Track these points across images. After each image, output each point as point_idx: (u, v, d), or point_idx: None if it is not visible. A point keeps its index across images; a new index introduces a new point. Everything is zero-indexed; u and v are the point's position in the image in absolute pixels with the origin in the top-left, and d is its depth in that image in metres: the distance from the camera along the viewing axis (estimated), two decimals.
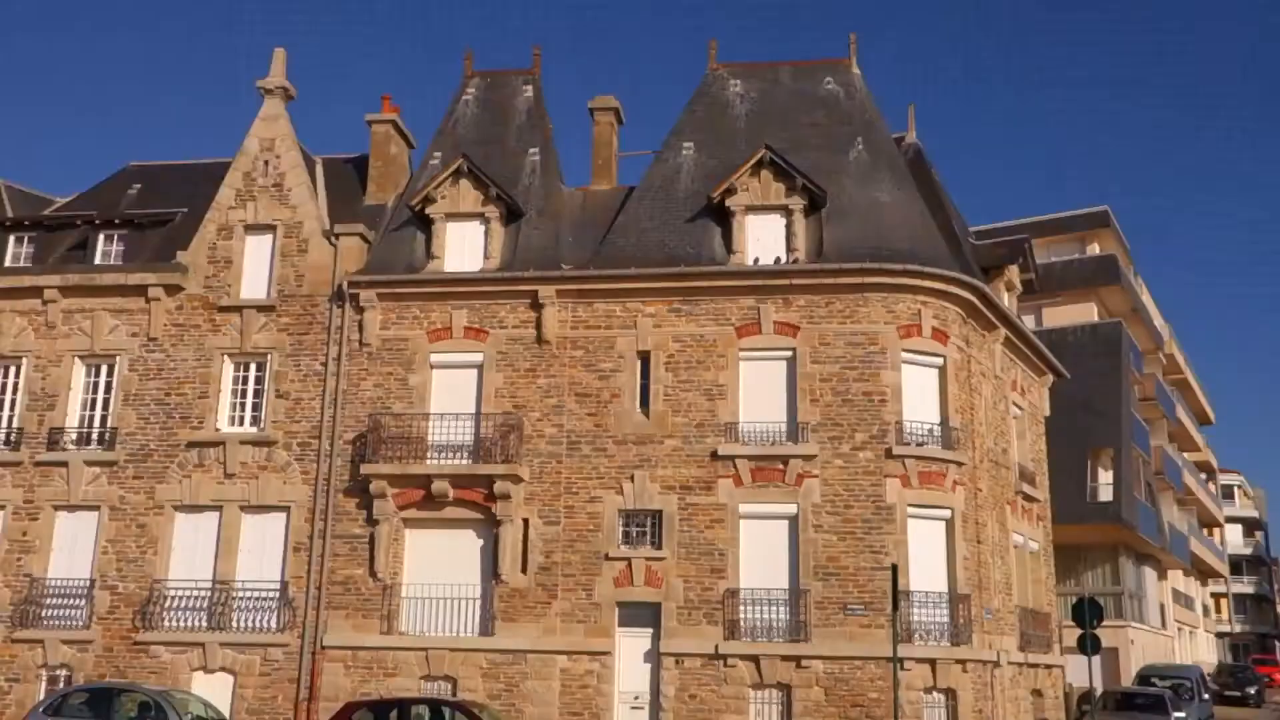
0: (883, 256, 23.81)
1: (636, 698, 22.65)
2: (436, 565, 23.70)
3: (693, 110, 27.51)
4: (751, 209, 24.74)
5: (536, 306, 24.45)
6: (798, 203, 24.55)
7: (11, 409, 25.99)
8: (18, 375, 26.11)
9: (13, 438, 25.64)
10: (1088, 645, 24.20)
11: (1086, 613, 24.26)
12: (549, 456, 23.82)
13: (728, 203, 24.72)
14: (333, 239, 25.70)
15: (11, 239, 27.45)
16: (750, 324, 23.98)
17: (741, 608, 22.56)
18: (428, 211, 25.53)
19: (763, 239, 24.67)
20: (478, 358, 24.62)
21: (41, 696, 22.93)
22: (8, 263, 27.18)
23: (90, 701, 18.54)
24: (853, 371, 23.44)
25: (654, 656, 22.73)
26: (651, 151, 27.39)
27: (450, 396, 24.56)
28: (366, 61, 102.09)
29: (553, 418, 24.03)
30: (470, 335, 24.73)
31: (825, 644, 22.13)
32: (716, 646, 22.30)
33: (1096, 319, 42.82)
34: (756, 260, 24.39)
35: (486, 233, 25.46)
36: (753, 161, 24.67)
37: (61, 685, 23.11)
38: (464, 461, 23.77)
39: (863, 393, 23.29)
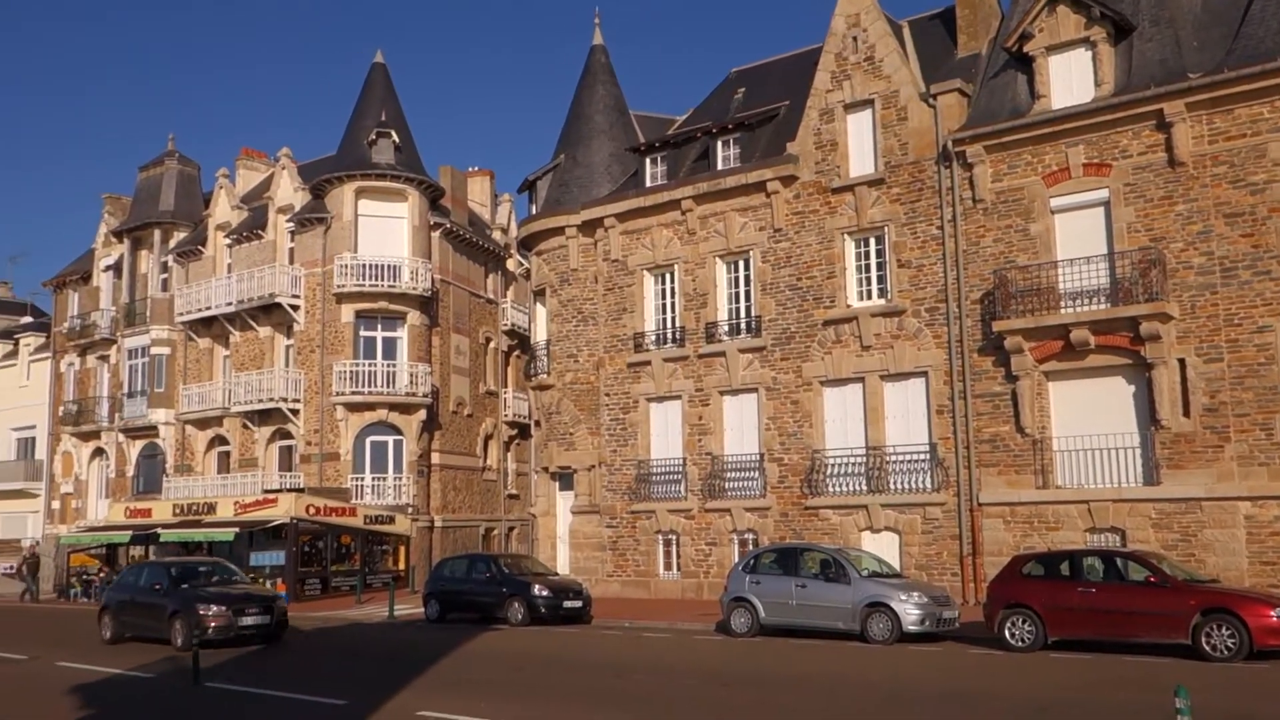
0: None
1: None
2: (1085, 416, 22.82)
3: None
4: None
5: (1164, 127, 22.12)
6: None
7: (672, 311, 29.45)
8: (673, 281, 29.48)
9: (677, 335, 29.07)
10: None
11: None
12: (1200, 289, 21.63)
13: None
14: (930, 100, 25.33)
15: (648, 161, 30.74)
16: None
17: None
18: (1026, 50, 24.11)
19: None
20: (1102, 194, 22.96)
21: (736, 557, 26.07)
22: (648, 183, 30.50)
23: (778, 560, 20.61)
24: None
25: None
26: None
27: (1077, 240, 23.25)
28: None
29: (1199, 245, 21.73)
30: (1090, 172, 23.10)
31: None
32: None
33: None
34: None
35: (1094, 58, 23.45)
36: None
37: (750, 547, 26.05)
38: (1102, 306, 22.45)
39: None
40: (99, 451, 46.24)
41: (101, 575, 37.32)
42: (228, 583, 21.56)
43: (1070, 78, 23.73)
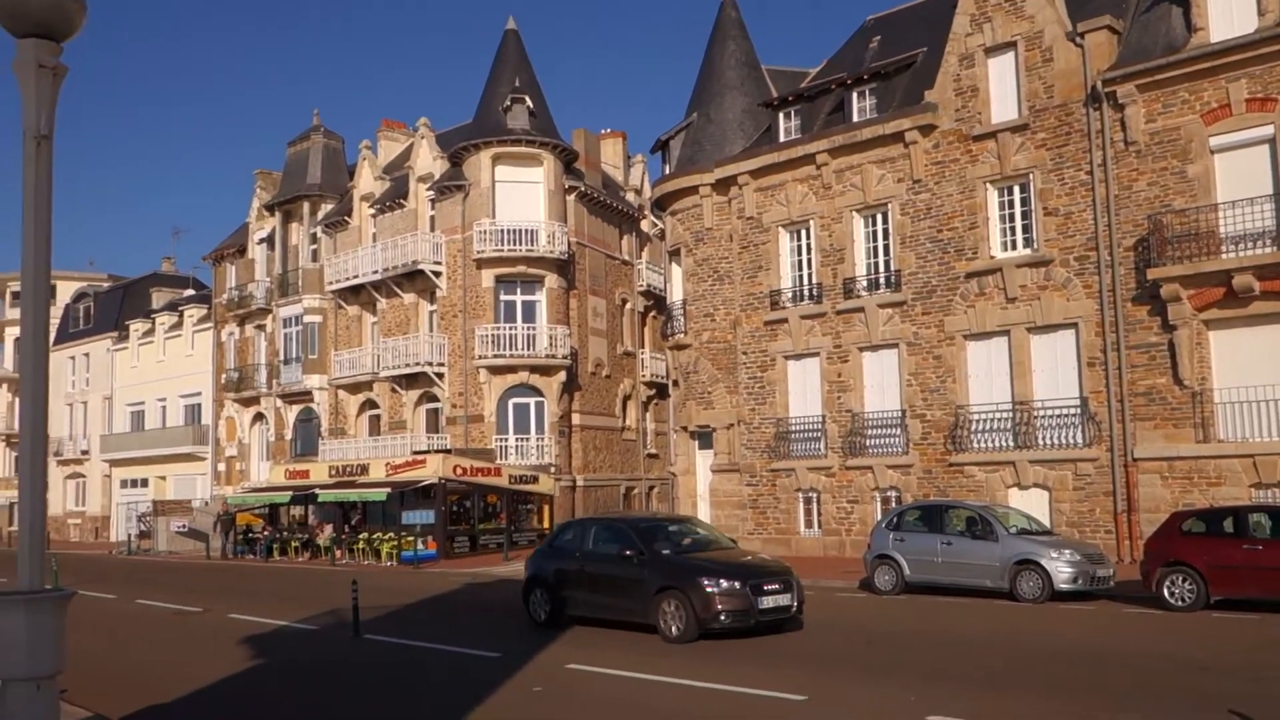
0: None
1: None
2: (1249, 365, 21.71)
3: None
4: None
5: None
6: None
7: (808, 267, 29.12)
8: (808, 236, 29.13)
9: (814, 292, 28.76)
10: None
11: None
12: None
13: None
14: (1077, 39, 24.25)
15: (780, 116, 30.33)
16: None
17: None
18: None
19: None
20: (1267, 131, 21.67)
21: (878, 515, 25.78)
22: (781, 138, 30.12)
23: (923, 517, 20.26)
24: None
25: None
26: None
27: (1239, 181, 22.02)
28: None
29: None
30: (1254, 108, 21.80)
31: None
32: None
33: None
34: None
35: None
36: None
37: (893, 505, 25.72)
38: (1267, 250, 21.25)
39: None
40: (259, 416, 48.56)
41: (265, 533, 39.26)
42: (709, 546, 15.79)
43: (1230, 8, 22.38)
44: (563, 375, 38.20)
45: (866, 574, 20.43)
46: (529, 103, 38.74)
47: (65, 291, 64.37)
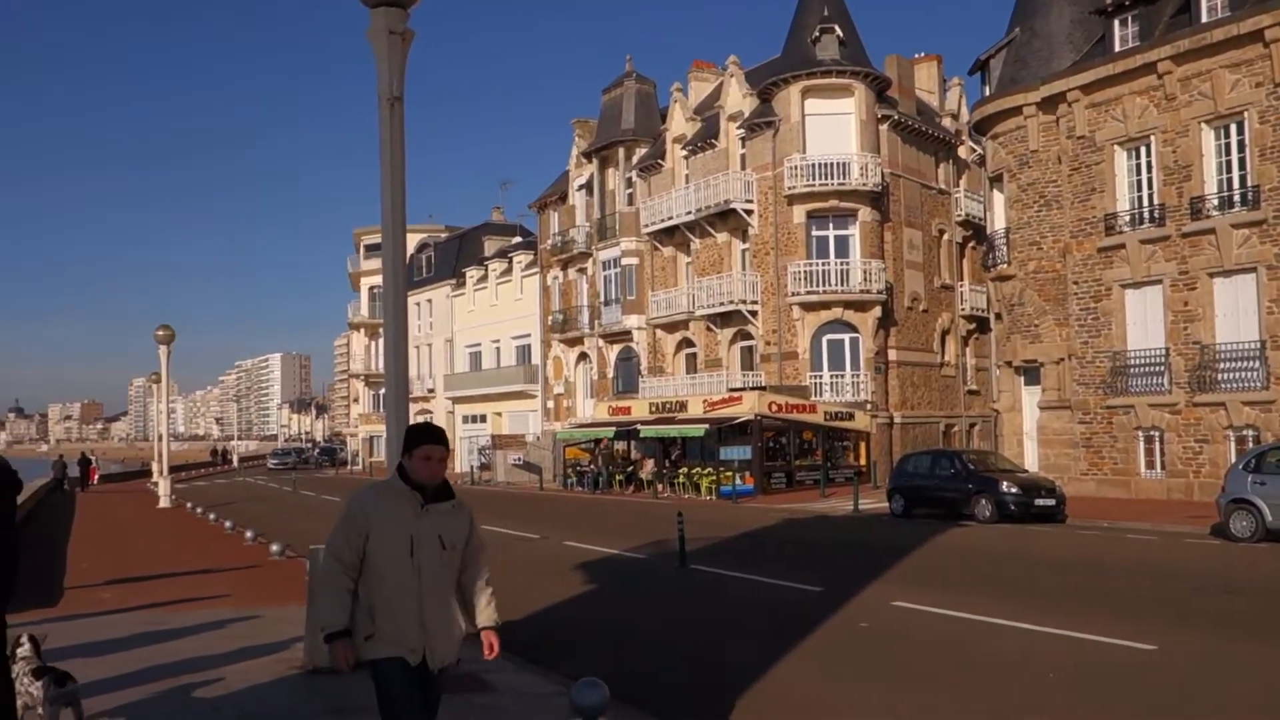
0: None
1: None
2: None
3: None
4: None
5: None
6: None
7: (1149, 186, 26.80)
8: (1148, 154, 26.77)
9: (1155, 214, 26.47)
10: None
11: None
12: None
13: None
14: None
15: (1115, 23, 27.91)
16: None
17: None
18: None
19: None
20: None
21: (1232, 456, 23.59)
22: (1116, 47, 27.73)
23: None
24: None
25: None
26: None
27: None
28: None
29: None
30: None
31: None
32: None
33: None
34: None
35: None
36: None
37: (1250, 444, 23.45)
38: None
39: None
40: (582, 356, 50.97)
41: (593, 468, 41.27)
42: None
43: None
44: (877, 310, 37.41)
45: (1220, 519, 18.80)
46: (838, 31, 37.79)
47: (410, 242, 69.48)
